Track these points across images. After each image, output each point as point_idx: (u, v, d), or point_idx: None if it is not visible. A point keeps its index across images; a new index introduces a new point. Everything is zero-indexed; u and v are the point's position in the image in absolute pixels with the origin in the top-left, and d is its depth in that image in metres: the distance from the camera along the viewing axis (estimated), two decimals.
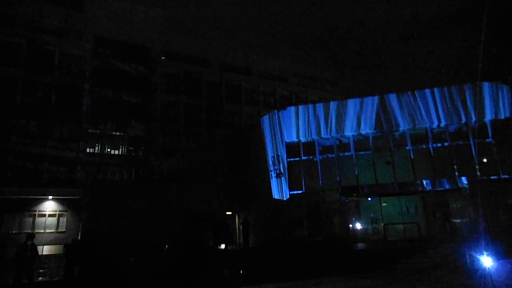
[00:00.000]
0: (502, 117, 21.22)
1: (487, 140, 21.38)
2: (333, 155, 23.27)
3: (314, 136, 23.40)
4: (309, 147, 23.84)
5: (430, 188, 20.78)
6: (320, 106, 23.67)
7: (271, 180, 24.08)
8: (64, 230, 26.90)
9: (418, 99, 22.24)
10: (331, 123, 23.12)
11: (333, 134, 23.04)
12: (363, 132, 22.71)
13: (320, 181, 22.96)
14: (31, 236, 13.33)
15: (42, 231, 26.34)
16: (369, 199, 23.01)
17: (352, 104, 23.03)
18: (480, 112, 21.37)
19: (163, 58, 37.54)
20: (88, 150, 31.45)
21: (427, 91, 22.23)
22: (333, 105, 23.42)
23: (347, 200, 22.40)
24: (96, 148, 32.39)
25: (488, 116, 21.35)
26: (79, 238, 22.33)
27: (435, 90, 22.10)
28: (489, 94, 21.47)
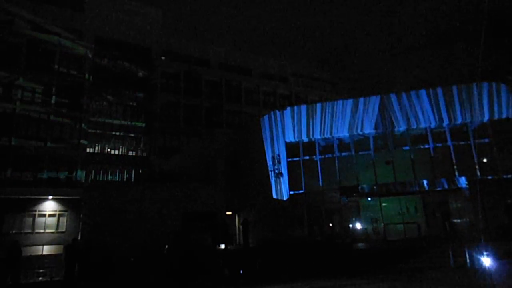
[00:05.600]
0: (502, 117, 21.24)
1: (487, 140, 21.39)
2: (333, 155, 23.28)
3: (314, 136, 23.41)
4: (309, 147, 23.84)
5: (430, 188, 20.79)
6: (319, 106, 23.67)
7: (271, 180, 24.07)
8: (64, 230, 26.88)
9: (418, 99, 22.25)
10: (331, 123, 23.13)
11: (333, 134, 23.05)
12: (362, 132, 22.72)
13: (320, 181, 22.97)
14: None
15: (42, 231, 26.32)
16: (369, 199, 23.02)
17: (352, 104, 23.04)
18: (480, 112, 21.38)
19: (163, 58, 37.54)
20: (88, 150, 31.46)
21: (427, 91, 22.24)
22: (333, 105, 23.42)
23: (347, 200, 22.40)
24: (96, 148, 32.41)
25: (488, 116, 21.36)
26: (79, 238, 22.33)
27: (435, 90, 22.12)
28: (488, 94, 21.48)
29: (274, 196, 23.68)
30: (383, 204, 22.54)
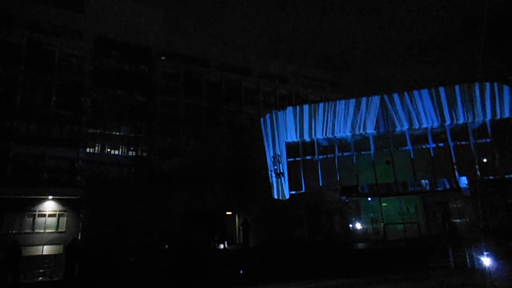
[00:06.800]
0: (504, 117, 21.23)
1: (487, 140, 21.38)
2: (333, 155, 23.26)
3: (316, 136, 23.39)
4: (309, 147, 23.81)
5: (430, 188, 20.78)
6: (320, 106, 23.66)
7: (271, 180, 24.07)
8: (64, 230, 26.86)
9: (418, 99, 22.24)
10: (331, 123, 23.11)
11: (335, 134, 23.03)
12: (363, 132, 22.71)
13: (320, 181, 22.94)
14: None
15: (42, 231, 26.30)
16: (369, 199, 23.01)
17: (352, 104, 23.03)
18: (482, 112, 21.37)
19: (163, 58, 37.52)
20: (88, 150, 31.44)
21: (427, 91, 22.23)
22: (333, 105, 23.40)
23: (347, 200, 22.39)
24: (96, 148, 32.38)
25: (488, 116, 21.35)
26: (79, 238, 22.32)
27: (435, 90, 22.11)
28: (489, 94, 21.47)
29: (275, 196, 23.67)
30: (383, 204, 22.52)
